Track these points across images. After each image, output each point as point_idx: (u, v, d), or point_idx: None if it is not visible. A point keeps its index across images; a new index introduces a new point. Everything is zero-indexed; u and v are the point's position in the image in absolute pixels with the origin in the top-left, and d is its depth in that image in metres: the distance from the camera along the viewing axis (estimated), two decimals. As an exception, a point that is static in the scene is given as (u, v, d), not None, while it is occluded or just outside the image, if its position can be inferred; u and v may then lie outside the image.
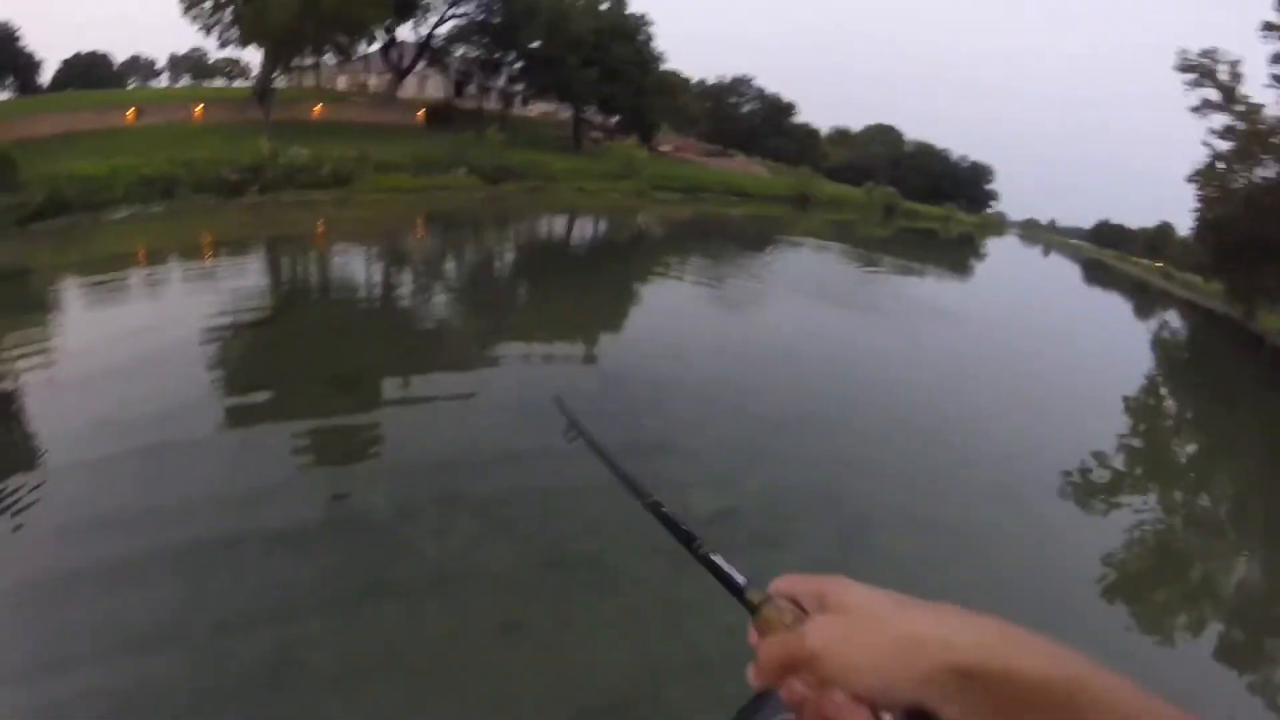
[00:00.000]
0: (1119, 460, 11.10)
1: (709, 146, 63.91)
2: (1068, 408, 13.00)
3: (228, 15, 33.74)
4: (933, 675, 0.55)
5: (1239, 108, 47.46)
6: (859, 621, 0.60)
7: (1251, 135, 46.71)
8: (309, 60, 39.66)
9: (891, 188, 71.34)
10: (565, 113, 50.32)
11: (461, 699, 4.57)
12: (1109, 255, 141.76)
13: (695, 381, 10.28)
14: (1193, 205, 50.20)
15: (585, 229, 28.76)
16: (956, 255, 45.97)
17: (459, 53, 47.70)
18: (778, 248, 29.54)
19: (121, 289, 14.56)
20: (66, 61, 59.95)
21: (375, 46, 46.09)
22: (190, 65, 67.64)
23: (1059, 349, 18.84)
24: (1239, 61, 46.01)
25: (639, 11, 48.87)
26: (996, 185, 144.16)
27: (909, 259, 33.02)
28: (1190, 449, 13.97)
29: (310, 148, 28.01)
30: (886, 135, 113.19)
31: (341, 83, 49.91)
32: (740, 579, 0.72)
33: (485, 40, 45.80)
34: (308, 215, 23.84)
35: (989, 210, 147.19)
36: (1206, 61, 48.33)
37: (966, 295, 27.46)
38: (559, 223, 28.65)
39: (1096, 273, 67.88)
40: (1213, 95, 47.79)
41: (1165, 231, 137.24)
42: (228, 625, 4.89)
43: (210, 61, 64.62)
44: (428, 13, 45.62)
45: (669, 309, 15.80)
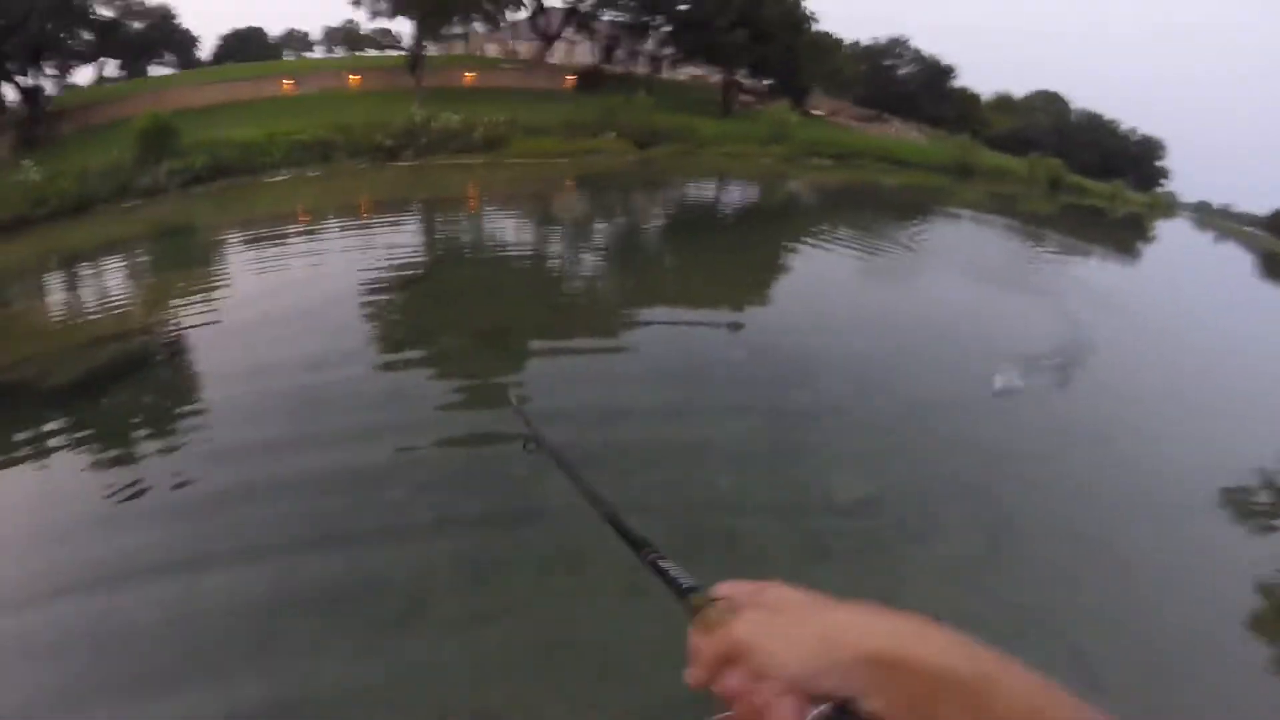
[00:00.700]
0: None
1: (864, 111, 61.98)
2: (1248, 418, 11.19)
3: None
4: (853, 664, 0.58)
5: None
6: (785, 615, 0.63)
7: None
8: (458, 29, 40.41)
9: (1057, 159, 67.81)
10: (715, 76, 49.58)
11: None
12: None
13: (843, 356, 9.65)
14: None
15: (734, 194, 28.16)
16: (1125, 237, 42.86)
17: (606, 18, 47.60)
18: (935, 219, 28.33)
19: (280, 244, 15.06)
20: (224, 37, 63.03)
21: (523, 14, 46.46)
22: (343, 36, 69.95)
23: (1240, 351, 16.40)
24: None
25: None
26: (1168, 163, 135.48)
27: (1076, 239, 31.02)
28: None
29: (462, 113, 28.55)
30: (1052, 103, 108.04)
31: (491, 50, 50.58)
32: (686, 582, 0.74)
33: (632, 4, 45.52)
34: (460, 178, 24.23)
35: (1159, 189, 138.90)
36: None
37: (1136, 283, 25.17)
38: (707, 187, 28.16)
39: (1277, 268, 61.57)
40: None
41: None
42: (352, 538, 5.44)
43: (362, 32, 66.53)
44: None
45: (818, 279, 15.08)
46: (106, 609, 4.87)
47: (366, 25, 66.12)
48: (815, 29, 49.81)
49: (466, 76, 39.94)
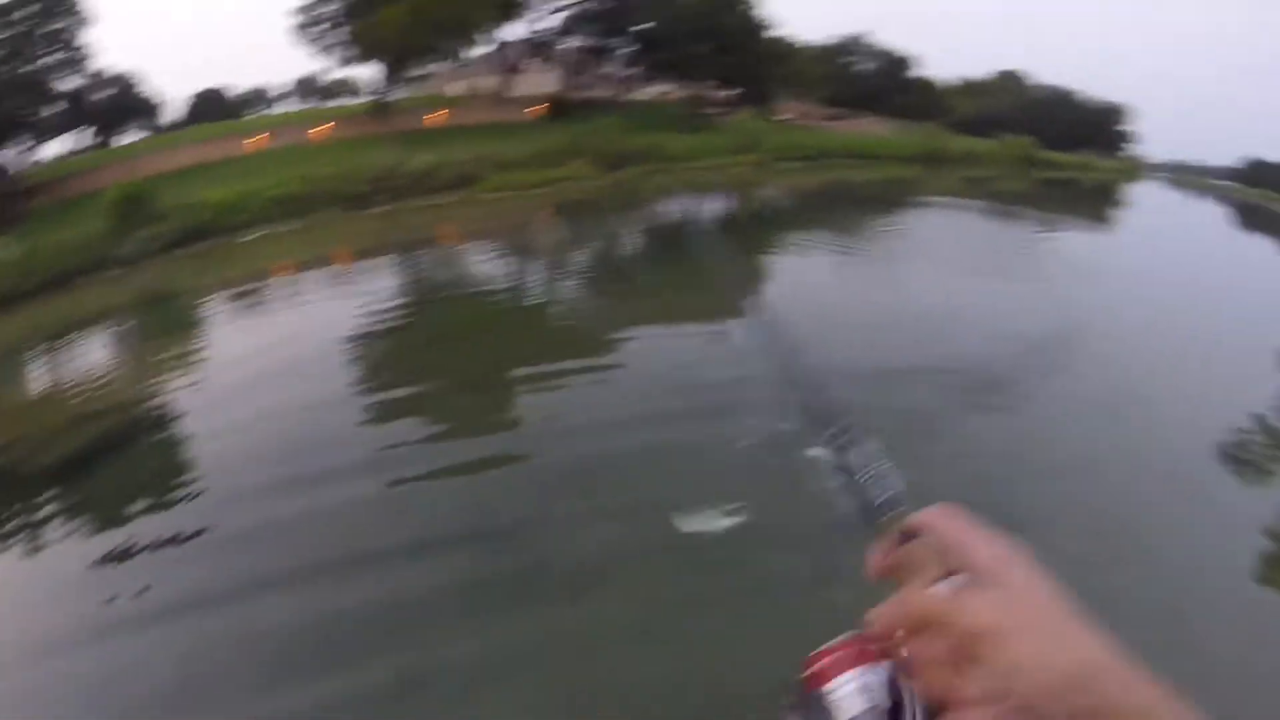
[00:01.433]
0: None
1: (830, 110, 62.39)
2: (1247, 370, 11.26)
3: (341, 34, 34.98)
4: (1086, 710, 0.49)
5: None
6: (1038, 622, 0.52)
7: None
8: (423, 69, 40.81)
9: (1026, 137, 68.25)
10: (681, 91, 49.96)
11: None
12: (1272, 195, 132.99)
13: (839, 361, 9.65)
14: None
15: (710, 206, 28.39)
16: (1099, 205, 43.19)
17: (569, 44, 47.96)
18: (911, 210, 28.58)
19: (263, 301, 15.18)
20: (192, 98, 63.09)
21: (486, 49, 46.79)
22: (311, 88, 70.20)
23: (1230, 305, 16.74)
24: None
25: None
26: (1133, 126, 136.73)
27: (1053, 212, 31.35)
28: None
29: (432, 154, 28.77)
30: (1014, 82, 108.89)
31: (456, 87, 50.80)
32: (884, 494, 0.62)
33: (594, 28, 45.93)
34: (434, 218, 24.44)
35: (1126, 153, 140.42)
36: None
37: (1118, 249, 25.53)
38: (684, 202, 28.39)
39: (1253, 218, 62.02)
40: None
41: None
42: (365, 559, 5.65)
43: (329, 82, 66.92)
44: (534, 9, 46.08)
45: (802, 281, 15.12)
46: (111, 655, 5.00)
47: (333, 74, 66.53)
48: (771, 34, 50.32)
49: (434, 117, 40.21)
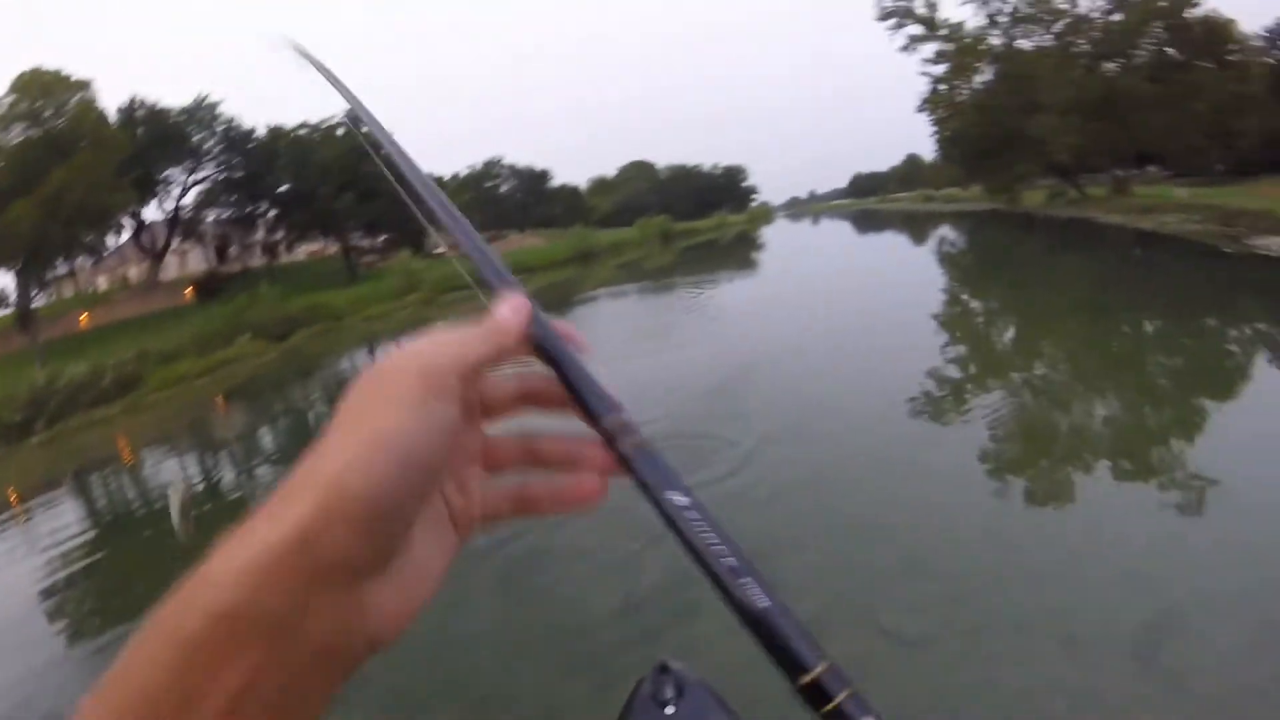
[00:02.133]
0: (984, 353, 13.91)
1: (483, 235, 64.60)
2: (906, 346, 14.59)
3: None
4: None
5: (943, 32, 53.67)
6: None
7: (962, 51, 53.29)
8: (64, 269, 38.79)
9: (662, 215, 73.98)
10: (334, 246, 50.29)
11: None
12: (872, 201, 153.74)
13: None
14: (930, 130, 57.04)
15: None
16: (739, 254, 49.29)
17: (211, 218, 47.20)
18: (574, 306, 30.61)
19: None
20: None
21: (126, 235, 45.22)
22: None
23: (876, 299, 21.93)
24: None
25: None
26: (753, 180, 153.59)
27: (700, 273, 35.59)
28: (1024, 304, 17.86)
29: (86, 360, 27.39)
30: (643, 170, 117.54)
31: (102, 282, 48.49)
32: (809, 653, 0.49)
33: (233, 198, 45.56)
34: (102, 435, 23.14)
35: (754, 204, 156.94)
36: (902, 3, 53.95)
37: (763, 284, 30.47)
38: (360, 357, 28.80)
39: (867, 221, 73.57)
40: (916, 30, 53.91)
41: (914, 161, 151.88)
42: None
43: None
44: (169, 186, 45.10)
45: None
46: None
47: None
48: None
49: (83, 318, 38.26)
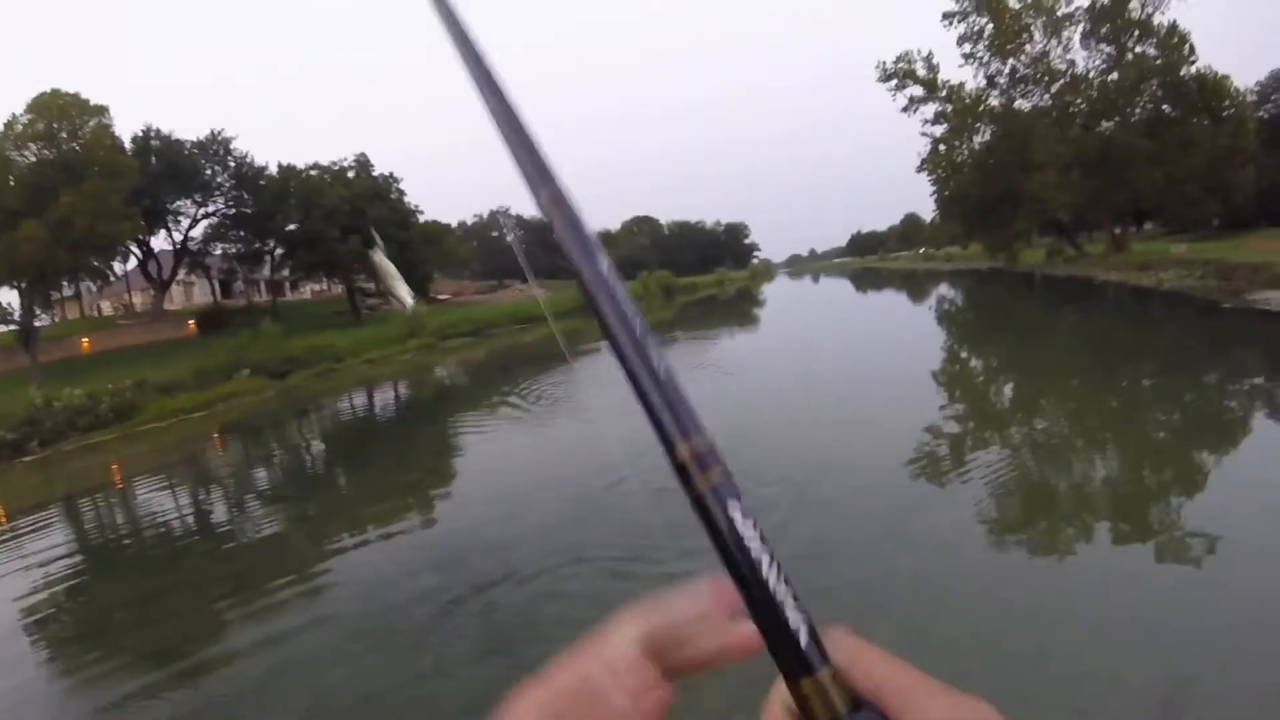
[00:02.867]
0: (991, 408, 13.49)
1: (485, 283, 65.21)
2: (907, 406, 14.56)
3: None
4: None
5: (943, 93, 55.10)
6: None
7: (962, 111, 54.67)
8: (69, 291, 39.04)
9: (663, 270, 74.42)
10: (339, 287, 50.54)
11: None
12: (871, 260, 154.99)
13: (538, 553, 9.34)
14: (929, 190, 58.45)
15: (386, 397, 28.97)
16: (741, 310, 49.70)
17: (218, 252, 47.50)
18: (578, 360, 30.50)
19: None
20: None
21: (132, 263, 45.49)
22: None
23: (881, 359, 22.34)
24: (931, 54, 53.78)
25: (386, 170, 50.20)
26: (755, 237, 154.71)
27: (701, 329, 35.70)
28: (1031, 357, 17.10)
29: (85, 385, 27.48)
30: (646, 225, 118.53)
31: (106, 307, 48.70)
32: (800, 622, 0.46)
33: (242, 234, 45.89)
34: (95, 461, 23.09)
35: (755, 260, 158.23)
36: (903, 65, 55.57)
37: (759, 343, 30.74)
38: (359, 399, 28.76)
39: (866, 279, 74.23)
40: (917, 91, 55.46)
41: (913, 220, 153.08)
42: None
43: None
44: (178, 217, 45.44)
45: (494, 459, 15.56)
46: None
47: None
48: (424, 219, 52.34)
49: (84, 342, 38.37)
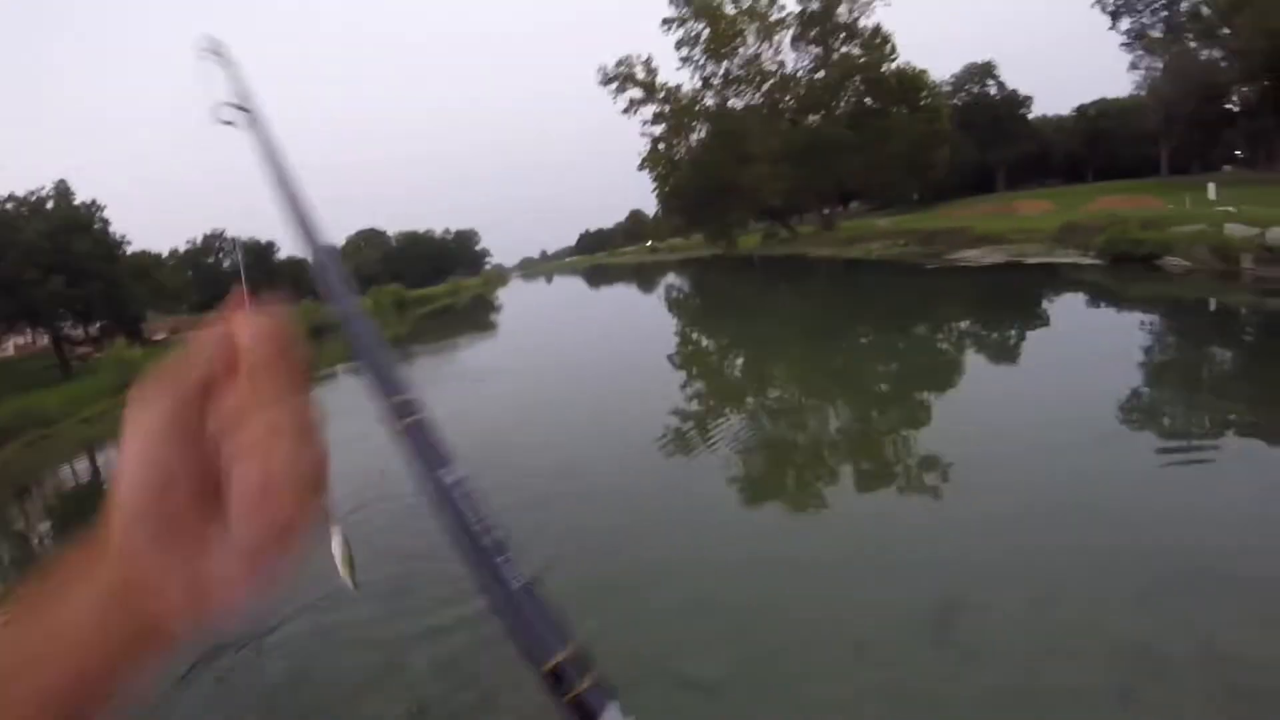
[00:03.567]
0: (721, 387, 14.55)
1: (202, 317, 61.44)
2: (652, 391, 14.99)
3: None
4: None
5: (661, 95, 58.21)
6: None
7: (679, 111, 58.06)
8: None
9: (395, 284, 73.21)
10: (44, 338, 45.88)
11: None
12: (601, 257, 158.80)
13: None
14: (652, 186, 61.50)
15: (111, 460, 26.75)
16: (477, 318, 49.94)
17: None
18: (314, 385, 29.51)
19: None
20: None
21: None
22: None
23: (621, 349, 23.08)
24: (651, 58, 56.77)
25: (87, 199, 45.48)
26: (486, 243, 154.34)
27: (439, 341, 35.47)
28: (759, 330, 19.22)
29: None
30: (373, 238, 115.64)
31: None
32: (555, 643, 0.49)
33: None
34: None
35: (488, 266, 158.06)
36: (624, 69, 58.09)
37: (500, 347, 31.20)
38: (81, 467, 26.37)
39: (599, 276, 76.31)
40: (637, 93, 58.26)
41: (638, 216, 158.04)
42: None
43: None
44: None
45: None
46: None
47: None
48: (131, 251, 48.51)
49: None
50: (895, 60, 53.94)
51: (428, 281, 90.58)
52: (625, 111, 59.47)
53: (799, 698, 4.94)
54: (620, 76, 58.22)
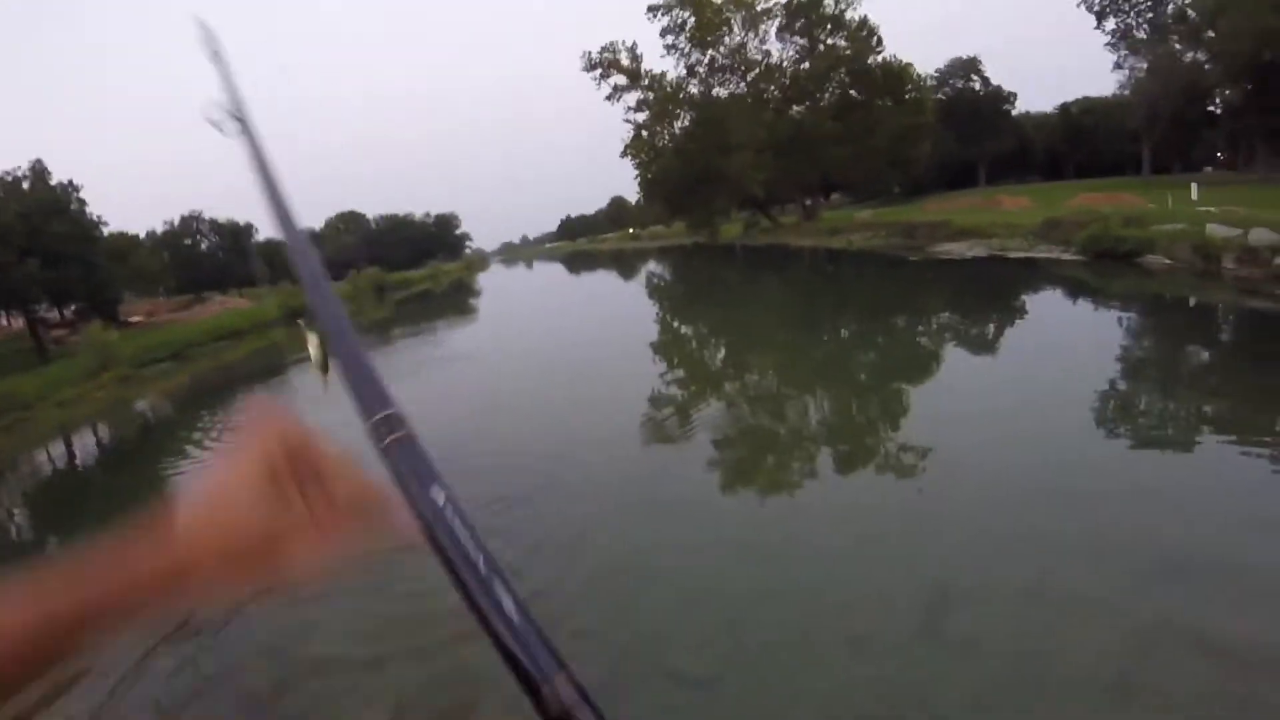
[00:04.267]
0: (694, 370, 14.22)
1: (180, 299, 60.78)
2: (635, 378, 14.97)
3: None
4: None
5: (645, 82, 58.12)
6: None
7: (663, 99, 57.91)
8: None
9: (374, 268, 72.87)
10: (19, 321, 45.15)
11: None
12: (582, 244, 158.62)
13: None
14: (634, 173, 61.61)
15: (87, 444, 26.39)
16: (457, 302, 49.89)
17: None
18: (290, 370, 29.14)
19: None
20: None
21: None
22: None
23: (602, 336, 22.94)
24: (635, 45, 56.76)
25: (65, 179, 44.82)
26: (466, 227, 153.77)
27: (418, 323, 35.39)
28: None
29: None
30: (352, 221, 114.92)
31: None
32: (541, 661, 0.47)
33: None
34: None
35: (468, 251, 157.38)
36: (608, 55, 57.94)
37: (480, 332, 31.07)
38: (57, 451, 25.92)
39: (579, 262, 76.33)
40: (621, 80, 58.14)
41: (620, 203, 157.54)
42: None
43: None
44: None
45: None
46: None
47: None
48: (110, 231, 47.95)
49: None
50: (881, 53, 54.28)
51: (407, 265, 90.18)
52: (609, 98, 59.47)
53: (798, 691, 4.90)
54: (604, 63, 58.08)
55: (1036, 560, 5.88)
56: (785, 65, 56.70)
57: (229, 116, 1.03)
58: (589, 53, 58.81)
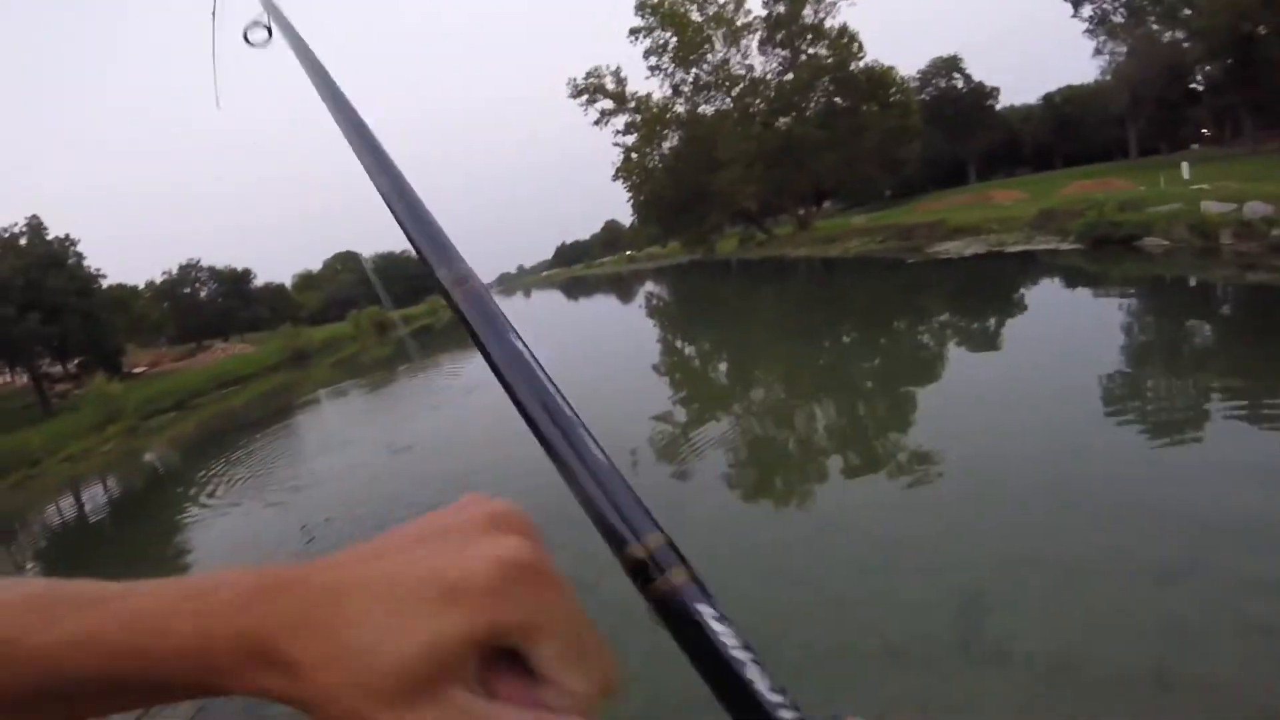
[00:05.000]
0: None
1: (182, 348, 60.93)
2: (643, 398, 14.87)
3: None
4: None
5: (631, 105, 58.42)
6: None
7: (650, 120, 58.20)
8: None
9: (374, 306, 73.03)
10: (22, 376, 45.20)
11: None
12: (578, 269, 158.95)
13: None
14: (626, 196, 61.97)
15: (96, 498, 26.18)
16: (460, 335, 49.91)
17: None
18: (293, 415, 29.12)
19: None
20: None
21: None
22: None
23: (603, 357, 23.05)
24: (619, 69, 57.20)
25: (61, 233, 45.07)
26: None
27: (424, 359, 35.34)
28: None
29: None
30: (349, 260, 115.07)
31: None
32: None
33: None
34: None
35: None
36: (593, 80, 58.25)
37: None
38: (67, 505, 25.76)
39: (577, 288, 76.46)
40: (608, 104, 58.44)
41: (613, 226, 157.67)
42: None
43: None
44: None
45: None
46: None
47: None
48: (107, 284, 48.07)
49: None
50: (863, 58, 54.47)
51: (406, 302, 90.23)
52: (597, 123, 59.84)
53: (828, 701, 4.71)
54: (590, 88, 58.49)
55: (1068, 558, 5.78)
56: (769, 78, 57.00)
57: (265, 26, 0.96)
58: (574, 79, 59.20)
